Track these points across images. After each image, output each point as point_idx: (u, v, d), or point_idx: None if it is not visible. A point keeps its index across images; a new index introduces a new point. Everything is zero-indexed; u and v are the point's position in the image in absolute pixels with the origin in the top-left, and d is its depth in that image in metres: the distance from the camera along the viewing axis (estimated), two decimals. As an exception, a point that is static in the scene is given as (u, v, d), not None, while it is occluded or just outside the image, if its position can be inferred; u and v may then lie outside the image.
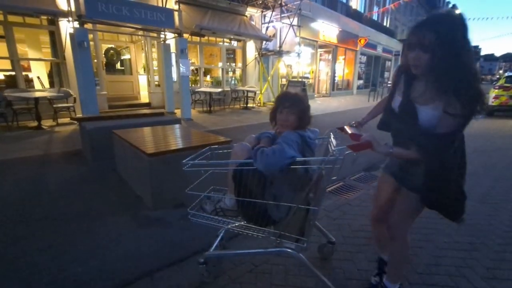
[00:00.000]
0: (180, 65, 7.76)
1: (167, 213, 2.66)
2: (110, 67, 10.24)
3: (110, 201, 2.94)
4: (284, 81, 12.69)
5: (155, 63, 9.63)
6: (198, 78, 10.78)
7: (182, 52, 7.67)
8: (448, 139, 1.18)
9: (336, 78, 17.87)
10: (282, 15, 10.84)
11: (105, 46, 10.00)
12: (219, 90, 9.76)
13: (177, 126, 4.21)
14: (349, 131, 1.40)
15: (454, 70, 1.12)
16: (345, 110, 11.13)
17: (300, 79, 12.19)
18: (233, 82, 12.21)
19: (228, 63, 11.70)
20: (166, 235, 2.32)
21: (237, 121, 7.97)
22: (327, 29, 15.00)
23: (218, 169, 1.64)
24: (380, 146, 1.25)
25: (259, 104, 11.62)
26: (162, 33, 8.01)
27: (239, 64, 12.04)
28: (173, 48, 8.38)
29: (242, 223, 1.63)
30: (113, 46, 10.33)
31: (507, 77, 10.24)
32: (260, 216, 1.49)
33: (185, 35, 8.01)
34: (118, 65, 10.78)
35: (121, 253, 2.08)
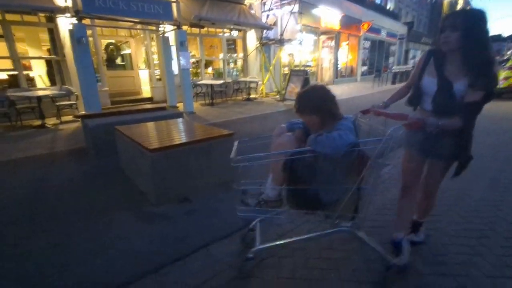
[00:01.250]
0: (180, 58, 7.67)
1: (171, 209, 2.65)
2: (110, 62, 10.18)
3: (114, 198, 2.94)
4: (286, 70, 12.52)
5: (155, 57, 9.54)
6: (199, 70, 10.67)
7: (181, 45, 7.58)
8: (476, 107, 1.47)
9: (339, 65, 17.57)
10: (282, 2, 10.61)
11: (104, 42, 9.91)
12: (221, 82, 9.67)
13: (179, 120, 4.18)
14: (389, 112, 1.57)
15: (477, 49, 1.43)
16: (348, 97, 10.96)
17: (302, 68, 12.02)
18: (234, 73, 12.08)
19: (229, 54, 11.55)
20: (170, 231, 2.31)
21: (240, 112, 7.91)
22: (329, 14, 14.64)
23: (260, 162, 1.62)
24: (430, 120, 1.43)
25: (261, 95, 11.51)
26: (161, 25, 7.90)
27: (240, 55, 11.88)
28: (172, 41, 8.26)
29: (286, 209, 1.72)
30: (112, 41, 10.24)
31: (516, 57, 9.92)
32: (312, 201, 1.59)
33: (184, 27, 7.89)
34: (118, 60, 10.71)
35: (125, 250, 2.08)
